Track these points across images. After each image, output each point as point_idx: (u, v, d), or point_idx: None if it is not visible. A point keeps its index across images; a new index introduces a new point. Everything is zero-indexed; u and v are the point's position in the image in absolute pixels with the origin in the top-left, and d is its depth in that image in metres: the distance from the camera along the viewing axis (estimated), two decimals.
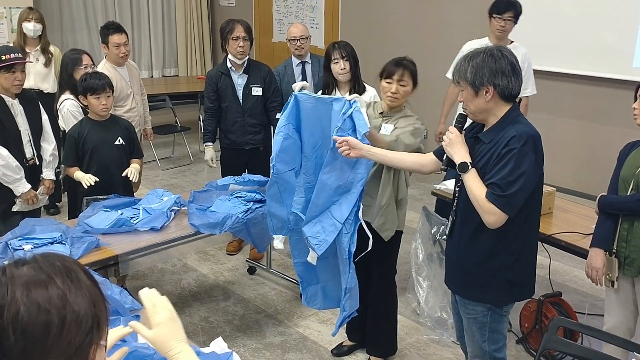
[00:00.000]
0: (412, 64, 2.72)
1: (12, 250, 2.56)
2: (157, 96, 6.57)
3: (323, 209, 2.42)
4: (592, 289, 3.64)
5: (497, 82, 2.02)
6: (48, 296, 0.92)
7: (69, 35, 7.92)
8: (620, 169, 2.46)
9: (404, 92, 2.68)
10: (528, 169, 1.99)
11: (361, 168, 2.35)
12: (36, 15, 4.79)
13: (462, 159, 2.09)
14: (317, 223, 2.43)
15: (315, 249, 2.42)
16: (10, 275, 0.94)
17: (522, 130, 2.02)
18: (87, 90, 3.20)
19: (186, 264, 4.18)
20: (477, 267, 2.17)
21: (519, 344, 3.21)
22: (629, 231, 2.40)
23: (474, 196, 2.04)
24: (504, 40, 3.86)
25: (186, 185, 5.81)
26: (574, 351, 2.14)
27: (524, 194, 2.02)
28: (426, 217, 3.38)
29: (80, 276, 0.98)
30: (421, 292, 3.40)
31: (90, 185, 3.16)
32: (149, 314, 1.29)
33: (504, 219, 2.02)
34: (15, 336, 0.90)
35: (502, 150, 2.00)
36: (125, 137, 3.37)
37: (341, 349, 3.15)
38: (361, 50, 3.65)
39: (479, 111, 2.09)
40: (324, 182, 2.38)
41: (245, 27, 3.90)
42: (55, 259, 0.99)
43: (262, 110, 4.00)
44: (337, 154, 2.34)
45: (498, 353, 2.28)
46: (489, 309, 2.20)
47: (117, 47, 3.97)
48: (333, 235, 2.40)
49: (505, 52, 2.06)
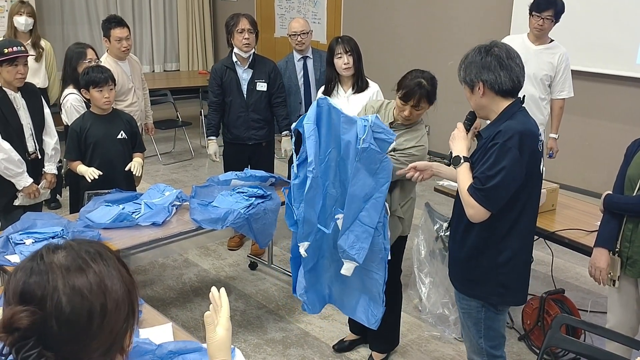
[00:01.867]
0: (431, 85, 2.58)
1: (13, 244, 2.55)
2: (158, 91, 6.56)
3: (353, 219, 2.46)
4: (595, 287, 3.63)
5: (485, 78, 2.03)
6: (89, 283, 0.91)
7: (70, 28, 7.90)
8: (627, 167, 2.43)
9: (417, 115, 2.67)
10: (509, 165, 1.97)
11: (383, 172, 2.40)
12: (28, 9, 4.74)
13: (457, 153, 2.13)
14: (350, 233, 2.46)
15: (356, 259, 2.46)
16: (49, 262, 0.92)
17: (511, 126, 2.00)
18: (90, 83, 3.19)
19: (187, 259, 4.17)
20: (470, 263, 2.18)
21: (521, 341, 3.20)
22: (633, 231, 2.38)
23: (460, 188, 2.09)
24: (542, 39, 3.75)
25: (187, 180, 5.80)
26: (577, 349, 2.14)
27: (505, 189, 2.00)
28: (428, 213, 3.37)
29: (114, 262, 0.97)
30: (423, 288, 3.39)
31: (94, 178, 3.15)
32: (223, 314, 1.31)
33: (485, 214, 2.02)
34: (59, 326, 0.88)
35: (489, 144, 2.03)
36: (127, 131, 3.36)
37: (342, 345, 3.15)
38: (364, 45, 3.63)
39: (478, 108, 2.13)
40: (353, 195, 2.42)
41: (251, 20, 3.89)
42: (88, 245, 0.97)
43: (266, 106, 3.98)
44: (360, 165, 2.38)
45: (495, 350, 2.27)
46: (483, 306, 2.21)
47: (119, 41, 3.95)
48: (368, 241, 2.44)
49: (494, 47, 2.06)
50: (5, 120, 3.13)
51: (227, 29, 3.92)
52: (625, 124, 4.86)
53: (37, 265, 0.92)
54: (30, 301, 0.89)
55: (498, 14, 5.57)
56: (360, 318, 2.69)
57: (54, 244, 0.97)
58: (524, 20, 3.92)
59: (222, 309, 1.33)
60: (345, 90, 3.48)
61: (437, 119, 4.50)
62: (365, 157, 2.37)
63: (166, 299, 3.63)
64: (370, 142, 2.34)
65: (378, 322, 2.64)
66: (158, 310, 2.24)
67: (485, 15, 5.71)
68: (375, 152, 2.36)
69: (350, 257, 2.46)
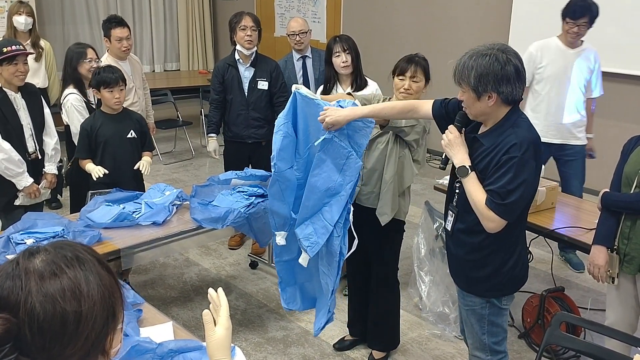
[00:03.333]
0: (424, 60, 2.73)
1: (14, 244, 2.55)
2: (158, 91, 6.56)
3: (314, 210, 2.41)
4: (595, 284, 3.63)
5: (502, 90, 1.95)
6: (62, 289, 0.89)
7: (71, 28, 7.91)
8: (623, 165, 2.44)
9: (417, 88, 2.69)
10: (528, 177, 1.98)
11: (350, 170, 2.32)
12: (27, 9, 4.75)
13: (461, 163, 2.06)
14: (310, 225, 2.42)
15: (308, 251, 2.42)
16: (23, 268, 0.91)
17: (523, 136, 1.99)
18: (101, 83, 3.22)
19: (188, 258, 4.18)
20: (472, 261, 2.19)
21: (522, 339, 3.20)
22: (631, 229, 2.39)
23: (473, 202, 2.04)
24: (576, 43, 3.72)
25: (188, 179, 5.81)
26: (576, 346, 2.14)
27: (524, 201, 2.03)
28: (428, 212, 3.38)
29: (93, 265, 0.95)
30: (423, 287, 3.40)
31: (99, 177, 3.16)
32: (223, 313, 1.31)
33: (503, 225, 2.02)
34: (32, 333, 0.87)
35: (503, 157, 1.97)
36: (137, 130, 3.39)
37: (343, 344, 3.15)
38: (364, 44, 3.64)
39: (480, 114, 2.06)
40: (313, 185, 2.37)
41: (254, 18, 3.91)
42: (66, 249, 0.96)
43: (266, 105, 3.99)
44: (324, 157, 2.33)
45: (498, 346, 2.29)
46: (487, 302, 2.22)
47: (120, 41, 3.96)
48: (324, 237, 2.39)
49: (511, 55, 1.97)
50: (5, 120, 3.14)
51: (230, 26, 3.95)
52: (625, 122, 4.86)
53: (13, 271, 0.91)
54: (5, 307, 0.88)
55: (498, 13, 5.57)
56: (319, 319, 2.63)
57: (32, 248, 0.96)
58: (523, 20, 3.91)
59: (222, 308, 1.32)
60: (344, 89, 3.48)
61: None
62: (329, 149, 2.30)
63: (167, 298, 3.64)
64: (334, 134, 2.28)
65: (318, 331, 2.60)
66: (159, 310, 2.25)
67: (485, 15, 5.71)
68: (339, 146, 2.29)
69: (303, 247, 2.43)
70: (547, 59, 3.76)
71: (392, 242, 2.88)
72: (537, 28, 4.94)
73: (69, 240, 1.02)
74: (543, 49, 3.78)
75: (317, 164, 2.35)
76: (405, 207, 2.84)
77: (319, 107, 2.35)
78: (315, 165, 2.36)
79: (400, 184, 2.75)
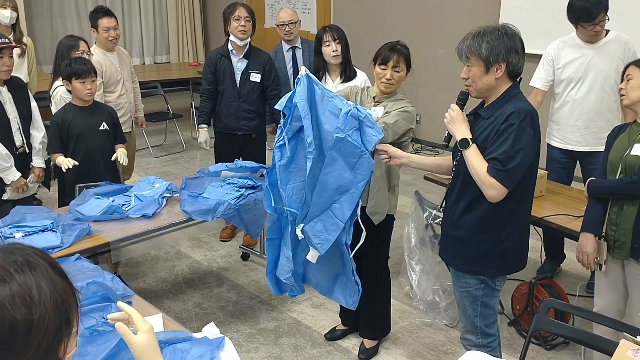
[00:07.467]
0: (405, 48, 2.72)
1: (3, 238, 2.55)
2: (148, 83, 6.53)
3: (324, 208, 2.41)
4: (584, 271, 3.67)
5: (511, 60, 2.06)
6: (11, 296, 0.86)
7: (59, 21, 7.85)
8: (608, 153, 2.48)
9: (399, 78, 2.68)
10: (526, 145, 2.04)
11: (362, 169, 2.32)
12: (12, 3, 4.67)
13: (463, 135, 2.13)
14: (319, 222, 2.42)
15: (318, 248, 2.43)
16: None
17: (521, 106, 2.07)
18: (72, 74, 3.17)
19: (179, 250, 4.18)
20: (471, 239, 2.21)
21: (511, 326, 3.23)
22: (618, 214, 2.41)
23: (475, 171, 2.09)
24: (598, 38, 3.32)
25: (179, 172, 5.79)
26: (564, 332, 2.16)
27: (523, 168, 2.07)
28: (418, 201, 3.39)
29: (45, 270, 0.91)
30: (414, 276, 3.41)
31: (75, 170, 3.13)
32: (136, 320, 1.22)
33: (505, 193, 2.07)
34: None
35: (502, 125, 2.05)
36: (109, 123, 3.35)
37: (334, 333, 3.17)
38: (354, 35, 3.63)
39: (486, 88, 2.12)
40: (324, 183, 2.36)
41: (248, 9, 3.91)
42: (17, 254, 0.91)
43: (258, 97, 3.97)
44: (336, 155, 2.31)
45: (489, 329, 2.34)
46: (482, 282, 2.25)
47: (107, 30, 3.94)
48: (335, 234, 2.40)
49: (516, 30, 2.11)
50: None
51: (224, 17, 3.94)
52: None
53: None
54: None
55: (487, 3, 5.57)
56: (337, 299, 2.66)
57: None
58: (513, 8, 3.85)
59: (132, 316, 1.24)
60: (333, 80, 3.48)
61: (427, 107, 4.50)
62: (342, 148, 2.29)
63: (159, 291, 3.64)
64: (348, 133, 2.27)
65: (356, 303, 2.60)
66: (150, 302, 2.25)
67: (475, 5, 5.71)
68: (352, 145, 2.28)
69: (314, 245, 2.44)
70: (565, 58, 3.39)
71: (381, 232, 2.89)
72: (526, 18, 4.95)
73: (20, 244, 0.97)
74: (560, 48, 3.42)
75: (329, 162, 2.34)
76: (395, 201, 2.86)
77: (332, 98, 2.31)
78: (327, 163, 2.35)
79: (389, 179, 2.76)
